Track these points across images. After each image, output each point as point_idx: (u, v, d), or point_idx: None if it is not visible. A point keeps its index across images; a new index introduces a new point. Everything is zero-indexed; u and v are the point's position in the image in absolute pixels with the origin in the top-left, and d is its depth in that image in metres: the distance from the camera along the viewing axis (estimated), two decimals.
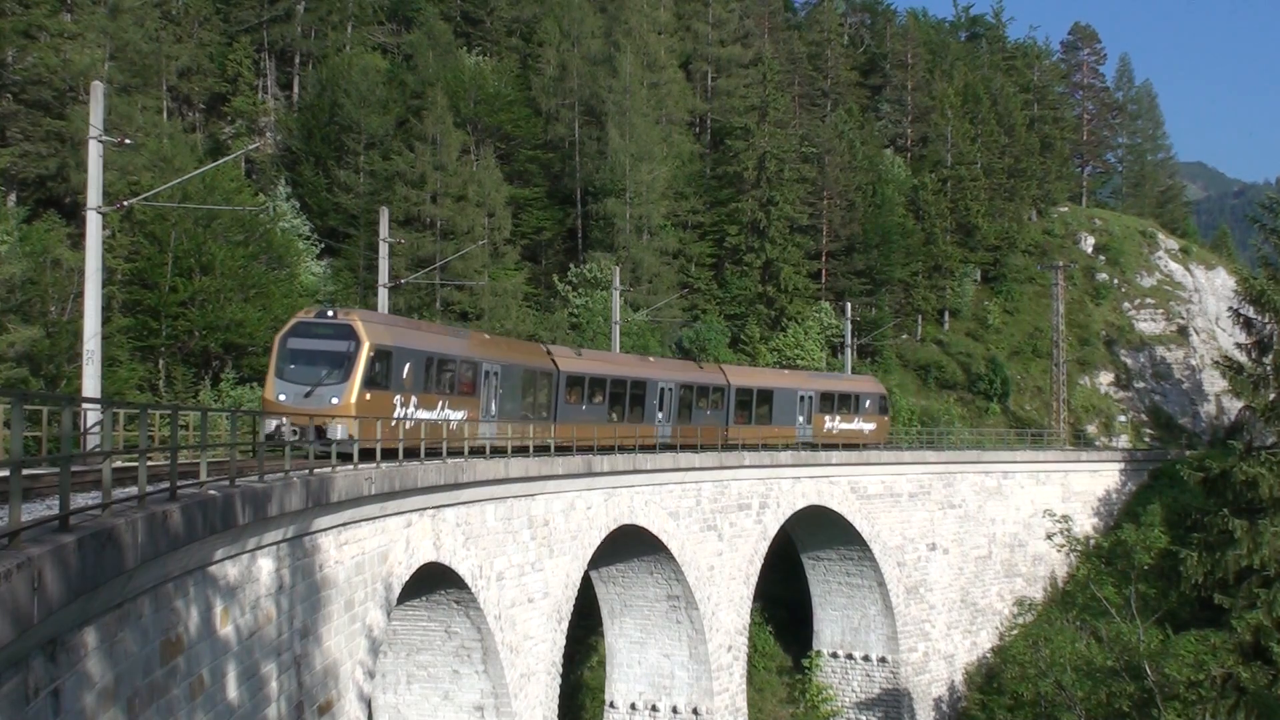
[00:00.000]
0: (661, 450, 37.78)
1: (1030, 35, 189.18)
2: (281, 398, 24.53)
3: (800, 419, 47.77)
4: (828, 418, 49.32)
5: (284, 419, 23.44)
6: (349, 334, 24.98)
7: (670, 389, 40.41)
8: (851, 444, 49.94)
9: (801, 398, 48.01)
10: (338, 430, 22.79)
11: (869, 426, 51.88)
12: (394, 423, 24.99)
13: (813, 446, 47.28)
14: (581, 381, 36.11)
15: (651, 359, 43.81)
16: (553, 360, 35.12)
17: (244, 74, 65.35)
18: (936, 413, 65.68)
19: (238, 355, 44.24)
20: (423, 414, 27.07)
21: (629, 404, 38.48)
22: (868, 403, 52.00)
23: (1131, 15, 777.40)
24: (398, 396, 26.17)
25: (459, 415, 28.84)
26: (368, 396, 24.76)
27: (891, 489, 49.13)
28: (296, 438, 23.04)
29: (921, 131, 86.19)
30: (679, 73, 75.06)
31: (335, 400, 24.29)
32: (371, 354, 24.98)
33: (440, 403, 28.16)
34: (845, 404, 50.71)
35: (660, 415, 39.88)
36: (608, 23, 72.74)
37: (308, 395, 24.41)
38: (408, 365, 26.56)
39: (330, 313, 25.51)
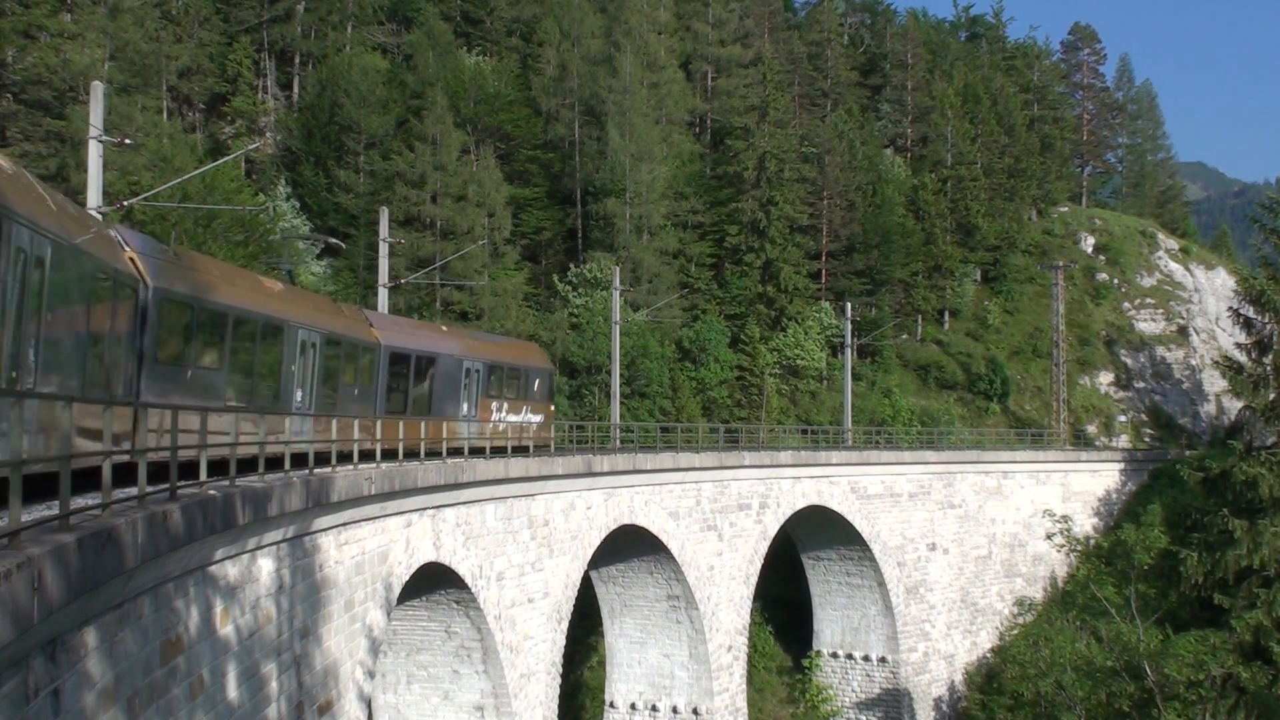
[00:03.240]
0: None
1: (1030, 35, 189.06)
2: None
3: (465, 406, 31.08)
4: (495, 404, 32.76)
5: None
6: None
7: (313, 345, 22.79)
8: (519, 446, 33.43)
9: (468, 372, 31.21)
10: None
11: (537, 419, 35.73)
12: None
13: (479, 451, 29.33)
14: (188, 318, 17.81)
15: (280, 286, 23.26)
16: (136, 267, 16.31)
17: (244, 74, 65.42)
18: (936, 413, 65.70)
19: None
20: None
21: (259, 367, 20.40)
22: (536, 383, 35.74)
23: (1131, 15, 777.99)
24: None
25: None
26: None
27: (891, 489, 49.15)
28: None
29: (921, 131, 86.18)
30: (679, 73, 75.06)
31: None
32: None
33: None
34: (514, 384, 34.22)
35: (299, 394, 22.26)
36: (608, 23, 72.75)
37: None
38: None
39: None
